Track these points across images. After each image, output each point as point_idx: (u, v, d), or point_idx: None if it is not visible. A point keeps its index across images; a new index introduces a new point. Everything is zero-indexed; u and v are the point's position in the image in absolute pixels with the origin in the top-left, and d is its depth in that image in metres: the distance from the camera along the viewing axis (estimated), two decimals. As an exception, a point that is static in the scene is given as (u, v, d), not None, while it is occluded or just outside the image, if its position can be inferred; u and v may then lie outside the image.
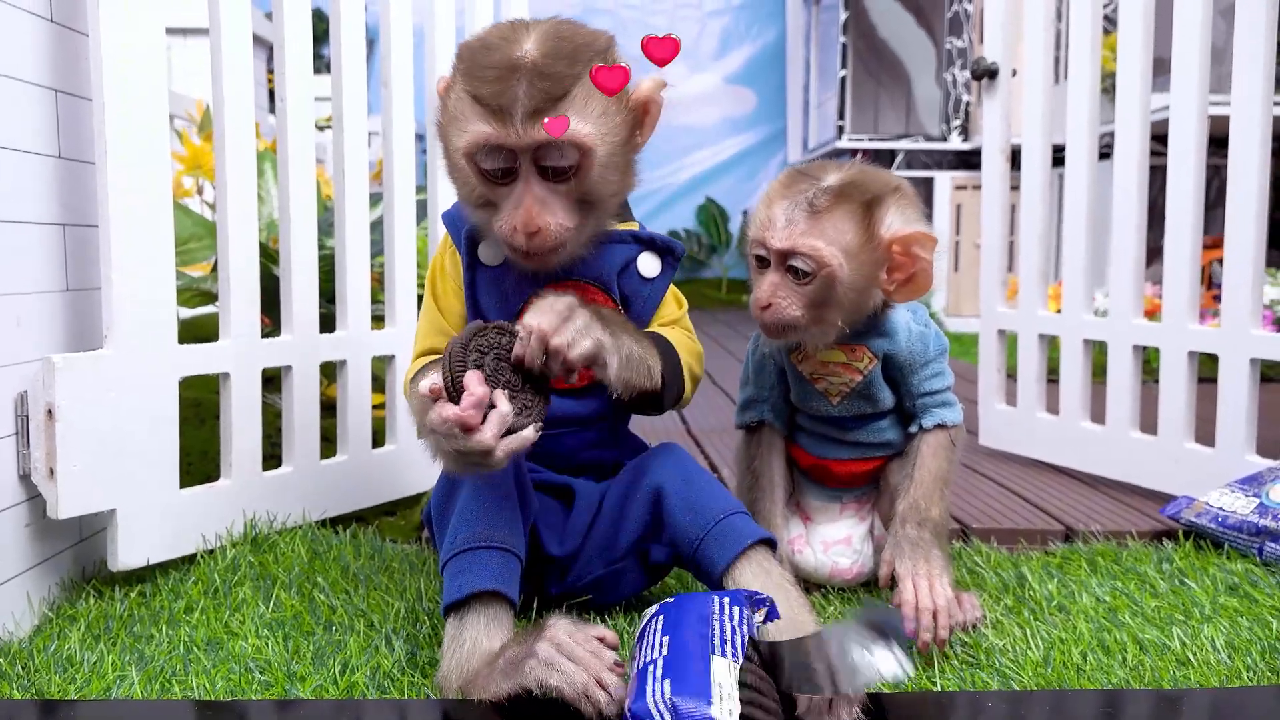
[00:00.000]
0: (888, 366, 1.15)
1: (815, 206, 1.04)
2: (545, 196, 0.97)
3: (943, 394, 1.15)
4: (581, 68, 0.95)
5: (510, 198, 0.97)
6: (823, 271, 1.04)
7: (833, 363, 1.14)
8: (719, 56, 6.95)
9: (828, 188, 1.05)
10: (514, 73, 0.93)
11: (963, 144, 5.29)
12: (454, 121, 0.98)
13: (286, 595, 1.15)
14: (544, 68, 0.94)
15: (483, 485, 0.99)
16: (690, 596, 0.91)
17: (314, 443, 1.40)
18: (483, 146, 0.95)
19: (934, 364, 1.15)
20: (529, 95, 0.93)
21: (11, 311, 1.07)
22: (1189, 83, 1.56)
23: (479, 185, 0.99)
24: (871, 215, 1.04)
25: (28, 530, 1.10)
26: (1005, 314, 1.94)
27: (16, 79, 1.07)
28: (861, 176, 1.07)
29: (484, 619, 0.93)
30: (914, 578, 1.05)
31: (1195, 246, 1.57)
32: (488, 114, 0.94)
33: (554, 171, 0.96)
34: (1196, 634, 1.08)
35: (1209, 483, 1.50)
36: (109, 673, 0.97)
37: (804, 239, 1.03)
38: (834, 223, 1.03)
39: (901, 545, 1.08)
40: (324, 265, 1.52)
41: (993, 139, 1.96)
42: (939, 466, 1.13)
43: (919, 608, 1.02)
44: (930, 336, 1.15)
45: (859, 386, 1.14)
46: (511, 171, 0.97)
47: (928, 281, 1.06)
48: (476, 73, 0.96)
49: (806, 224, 1.03)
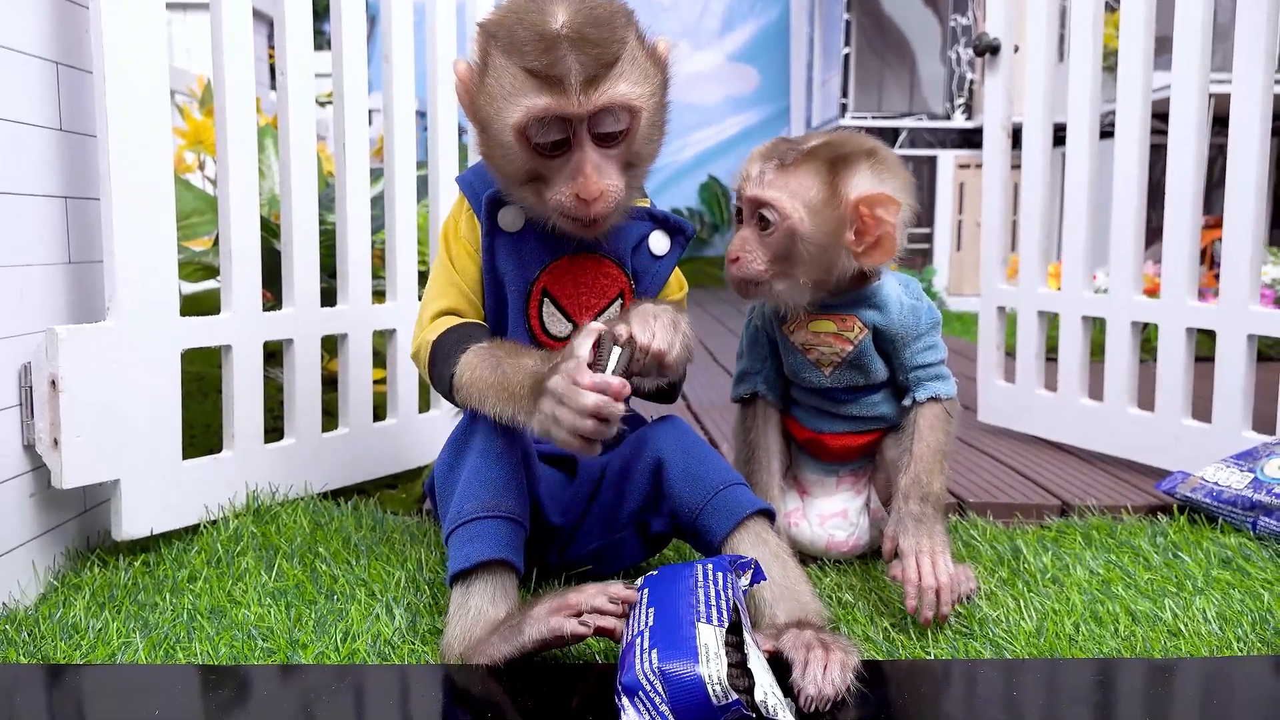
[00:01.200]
0: (879, 339, 1.15)
1: (784, 162, 1.09)
2: (600, 162, 0.98)
3: (936, 367, 1.16)
4: (622, 33, 0.96)
5: (564, 169, 0.98)
6: (784, 223, 1.07)
7: (823, 333, 1.15)
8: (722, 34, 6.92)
9: (801, 148, 1.09)
10: (564, 43, 0.94)
11: (966, 122, 5.27)
12: (501, 98, 0.98)
13: (288, 565, 1.16)
14: (589, 35, 0.94)
15: (489, 456, 1.00)
16: (674, 567, 0.93)
17: (315, 415, 1.41)
18: (540, 119, 0.95)
19: (926, 337, 1.16)
20: (582, 64, 0.94)
21: (14, 283, 1.08)
22: (1190, 60, 1.55)
23: (527, 160, 0.99)
24: (836, 174, 1.08)
25: (32, 500, 1.11)
26: (1005, 291, 1.94)
27: (18, 51, 1.08)
28: (838, 139, 1.11)
29: (490, 588, 0.94)
30: (917, 554, 1.06)
31: (1195, 223, 1.57)
32: (543, 85, 0.95)
33: (606, 137, 0.97)
34: (1188, 605, 1.10)
35: (1205, 459, 1.51)
36: (114, 639, 0.98)
37: (769, 189, 1.08)
38: (799, 178, 1.08)
39: (905, 521, 1.09)
40: (325, 240, 1.53)
41: (994, 115, 1.95)
42: (937, 440, 1.14)
43: (922, 585, 1.03)
44: (922, 310, 1.16)
45: (850, 357, 1.15)
46: (563, 143, 0.97)
47: (892, 245, 1.08)
48: (522, 46, 0.95)
49: (774, 175, 1.09)
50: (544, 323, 1.09)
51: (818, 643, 0.89)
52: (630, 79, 0.97)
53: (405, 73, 1.52)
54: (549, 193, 0.99)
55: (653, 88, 1.01)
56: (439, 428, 1.59)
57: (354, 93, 1.45)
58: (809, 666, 0.87)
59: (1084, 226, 1.77)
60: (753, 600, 0.98)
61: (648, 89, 0.99)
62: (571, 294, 1.08)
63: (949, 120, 5.31)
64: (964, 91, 5.30)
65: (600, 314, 1.09)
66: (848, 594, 1.14)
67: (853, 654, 0.89)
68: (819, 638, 0.90)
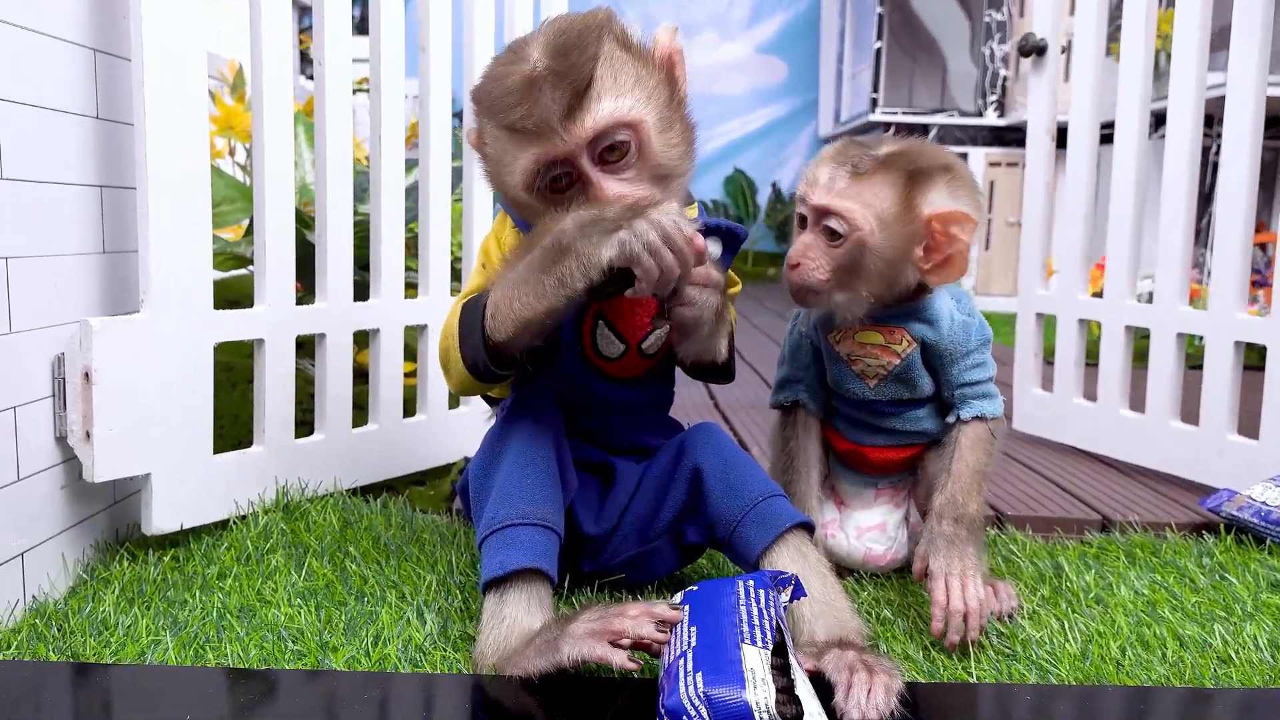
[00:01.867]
0: (927, 354, 1.12)
1: (858, 169, 1.04)
2: (616, 185, 0.95)
3: (983, 385, 1.13)
4: (593, 48, 0.93)
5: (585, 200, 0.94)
6: (853, 235, 1.03)
7: (870, 344, 1.12)
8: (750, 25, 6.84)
9: (875, 155, 1.05)
10: (532, 87, 0.91)
11: (999, 120, 5.19)
12: (501, 163, 0.97)
13: (318, 564, 1.15)
14: (557, 67, 0.91)
15: (524, 462, 0.98)
16: (714, 583, 0.90)
17: (346, 411, 1.40)
18: (537, 170, 0.94)
19: (975, 354, 1.12)
20: (556, 100, 0.91)
21: (49, 274, 1.06)
22: (1248, 60, 1.51)
23: (549, 208, 0.96)
24: (913, 187, 1.03)
25: (63, 492, 1.10)
26: (1044, 297, 1.91)
27: (56, 38, 1.06)
28: (914, 149, 1.06)
29: (525, 596, 0.92)
30: (947, 577, 1.03)
31: (1247, 232, 1.53)
32: (527, 138, 0.93)
33: (614, 161, 0.95)
34: (1239, 631, 1.06)
35: (1251, 476, 1.47)
36: (143, 636, 0.97)
37: (839, 199, 1.03)
38: (873, 188, 1.03)
39: (936, 542, 1.06)
40: (358, 231, 1.51)
41: (1038, 117, 1.91)
42: (977, 460, 1.11)
43: (950, 609, 1.01)
44: (973, 326, 1.13)
45: (896, 370, 1.12)
46: (575, 179, 0.95)
47: (964, 264, 1.05)
48: (499, 107, 0.94)
49: (846, 185, 1.04)
50: (596, 344, 1.07)
51: (861, 665, 0.87)
52: (615, 93, 0.93)
53: (442, 62, 1.50)
54: None
55: (648, 91, 0.96)
56: (469, 425, 1.58)
57: (391, 85, 1.42)
58: (852, 690, 0.84)
59: (1129, 230, 1.72)
60: (791, 616, 0.96)
61: (641, 95, 0.95)
62: (625, 313, 1.06)
63: (980, 117, 5.24)
64: (997, 88, 5.23)
65: (651, 333, 1.08)
66: (886, 610, 1.12)
67: (896, 677, 0.87)
68: (862, 659, 0.88)
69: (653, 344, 1.09)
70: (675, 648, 0.81)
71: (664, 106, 0.97)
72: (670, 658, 0.81)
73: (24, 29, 1.01)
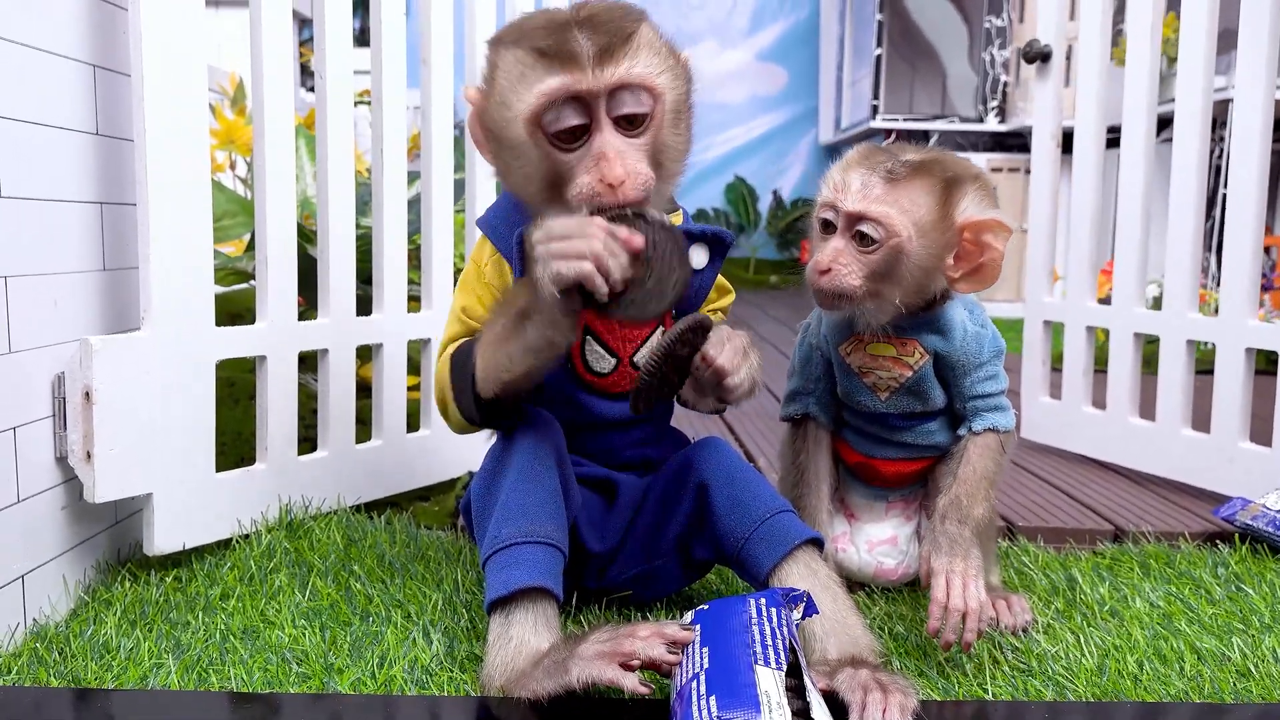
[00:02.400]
0: (940, 365, 1.11)
1: (894, 175, 1.02)
2: (624, 148, 0.92)
3: (995, 398, 1.11)
4: (637, 19, 0.93)
5: (585, 159, 0.92)
6: (890, 241, 1.01)
7: (882, 356, 1.11)
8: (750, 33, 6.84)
9: (908, 161, 1.03)
10: (572, 24, 0.91)
11: (1000, 125, 5.19)
12: (510, 90, 0.93)
13: (323, 583, 1.14)
14: (602, 16, 0.91)
15: (526, 479, 0.97)
16: (725, 602, 0.89)
17: (349, 428, 1.39)
18: (554, 100, 0.91)
19: (988, 366, 1.11)
20: (595, 40, 0.90)
21: (49, 292, 1.05)
22: (1256, 63, 1.49)
23: (544, 158, 0.93)
24: (950, 195, 1.02)
25: (64, 513, 1.09)
26: (1052, 304, 1.89)
27: (56, 54, 1.05)
28: (944, 157, 1.05)
29: (531, 616, 0.90)
30: (948, 574, 1.00)
31: (1257, 238, 1.51)
32: (555, 64, 0.90)
33: (627, 121, 0.93)
34: (1257, 644, 1.05)
35: (1264, 484, 1.46)
36: (145, 660, 0.96)
37: (877, 205, 1.01)
38: (910, 194, 1.02)
39: (939, 541, 1.04)
40: (360, 245, 1.50)
41: (1043, 124, 1.90)
42: (985, 466, 1.09)
43: (949, 608, 0.99)
44: (986, 338, 1.11)
45: (908, 382, 1.11)
46: (582, 130, 0.92)
47: (995, 273, 1.03)
48: (530, 35, 0.92)
49: (883, 190, 1.02)
50: (586, 360, 1.05)
51: (875, 684, 0.85)
52: (648, 60, 0.93)
53: (443, 74, 1.49)
54: (571, 191, 0.92)
55: (674, 77, 0.96)
56: (473, 440, 1.55)
57: (393, 97, 1.41)
58: (867, 710, 0.83)
59: (1137, 237, 1.71)
60: (803, 634, 0.94)
61: (668, 75, 0.95)
62: (615, 325, 1.04)
63: (981, 123, 5.23)
64: (997, 94, 5.22)
65: (643, 342, 1.06)
66: (899, 625, 1.10)
67: (911, 695, 0.85)
68: (875, 678, 0.86)
69: (645, 355, 1.07)
70: (687, 669, 0.80)
71: (681, 98, 0.97)
72: (682, 680, 0.80)
73: (23, 45, 1.00)
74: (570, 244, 0.85)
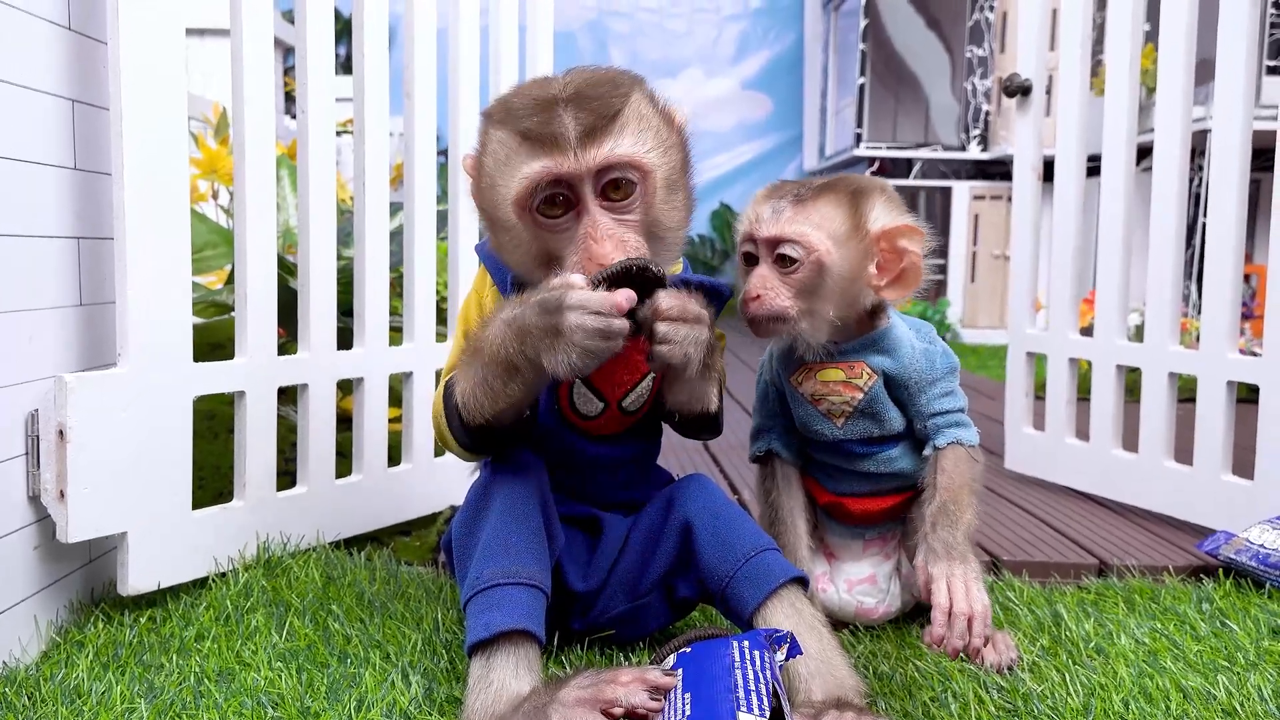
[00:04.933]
0: (892, 386, 1.11)
1: (801, 197, 1.06)
2: (612, 227, 0.92)
3: (955, 414, 1.11)
4: (625, 90, 0.93)
5: (576, 238, 0.92)
6: (810, 257, 1.04)
7: (832, 381, 1.11)
8: (736, 61, 6.91)
9: (812, 184, 1.07)
10: (557, 103, 0.90)
11: (982, 154, 5.24)
12: (497, 172, 0.94)
13: (300, 623, 1.12)
14: (587, 93, 0.91)
15: (509, 518, 0.96)
16: (708, 645, 0.88)
17: (329, 463, 1.37)
18: (539, 183, 0.91)
19: (942, 382, 1.11)
20: (578, 120, 0.90)
21: (24, 328, 1.04)
22: (1234, 93, 1.51)
23: (534, 238, 0.94)
24: (859, 205, 1.06)
25: (36, 553, 1.07)
26: (1035, 336, 1.90)
27: (33, 89, 1.04)
28: (846, 175, 1.10)
29: (512, 659, 0.89)
30: (949, 579, 0.99)
31: (1236, 270, 1.52)
32: (538, 147, 0.91)
33: (617, 200, 0.93)
34: (1242, 682, 1.04)
35: (1247, 517, 1.46)
36: (118, 704, 0.94)
37: (790, 225, 1.05)
38: (820, 210, 1.05)
39: (933, 548, 1.03)
40: (342, 277, 1.49)
41: (1024, 158, 1.91)
42: (961, 473, 1.08)
43: (953, 612, 0.97)
44: (936, 354, 1.11)
45: (861, 404, 1.11)
46: (571, 208, 0.93)
47: (917, 276, 1.06)
48: (517, 115, 0.92)
49: (793, 212, 1.05)
50: (574, 403, 1.05)
51: (860, 727, 0.84)
52: (636, 135, 0.92)
53: (426, 107, 1.49)
54: (565, 268, 0.92)
55: (665, 148, 0.95)
56: (455, 474, 1.55)
57: (375, 131, 1.41)
58: (855, 754, 0.82)
59: (1118, 268, 1.72)
60: (787, 675, 0.93)
61: (658, 149, 0.94)
62: (604, 371, 1.03)
63: (964, 151, 5.28)
64: (979, 123, 5.27)
65: (631, 389, 1.06)
66: (883, 663, 1.09)
67: (896, 739, 0.84)
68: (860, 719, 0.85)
69: (634, 401, 1.07)
70: (670, 716, 0.79)
71: (675, 169, 0.97)
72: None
73: (1, 81, 0.99)
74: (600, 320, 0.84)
